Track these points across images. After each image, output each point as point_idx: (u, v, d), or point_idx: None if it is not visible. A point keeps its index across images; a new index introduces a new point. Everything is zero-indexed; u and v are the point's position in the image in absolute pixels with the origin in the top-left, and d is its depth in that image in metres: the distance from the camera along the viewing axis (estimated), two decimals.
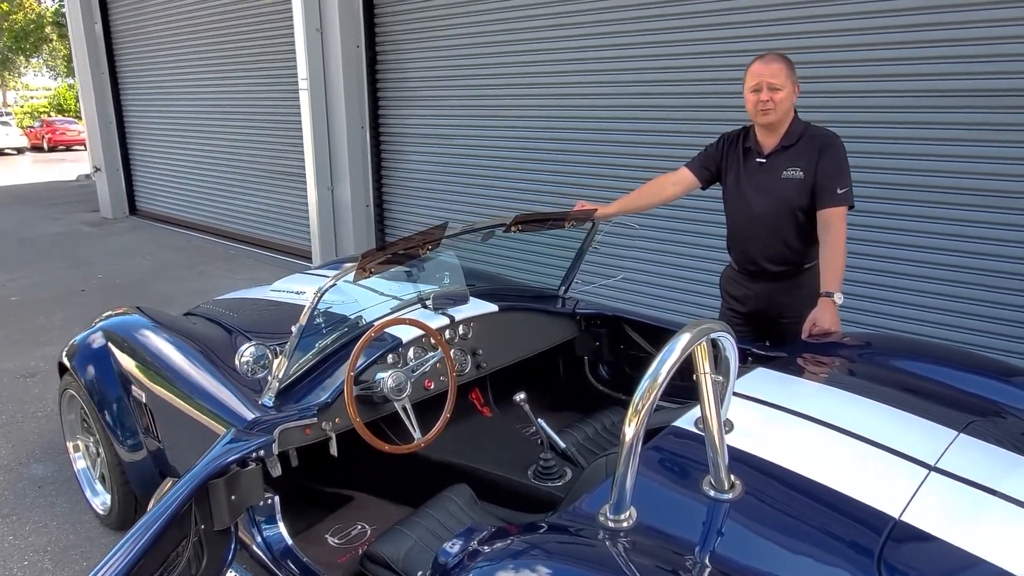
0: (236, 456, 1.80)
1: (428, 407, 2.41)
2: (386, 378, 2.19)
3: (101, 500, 2.98)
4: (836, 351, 2.35)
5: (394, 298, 2.72)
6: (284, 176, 7.59)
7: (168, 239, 8.91)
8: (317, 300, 2.12)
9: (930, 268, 3.81)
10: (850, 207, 2.52)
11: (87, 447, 3.05)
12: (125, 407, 2.63)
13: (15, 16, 29.44)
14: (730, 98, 4.21)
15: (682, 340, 1.36)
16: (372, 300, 2.74)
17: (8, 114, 33.28)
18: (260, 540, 1.97)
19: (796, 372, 2.16)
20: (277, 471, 1.96)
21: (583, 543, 1.42)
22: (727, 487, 1.48)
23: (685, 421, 1.77)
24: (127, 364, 2.64)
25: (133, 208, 10.44)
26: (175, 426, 2.40)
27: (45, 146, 25.68)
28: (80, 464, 3.11)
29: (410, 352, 2.41)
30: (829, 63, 3.90)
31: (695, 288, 4.71)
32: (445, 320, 2.56)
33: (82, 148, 20.76)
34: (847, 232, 2.50)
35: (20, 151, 24.99)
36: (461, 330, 2.61)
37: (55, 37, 29.79)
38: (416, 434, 2.23)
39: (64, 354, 2.91)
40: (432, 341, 2.41)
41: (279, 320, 2.72)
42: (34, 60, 34.37)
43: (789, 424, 1.77)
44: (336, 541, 2.41)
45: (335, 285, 2.12)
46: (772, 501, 1.48)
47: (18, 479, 3.34)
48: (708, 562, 1.32)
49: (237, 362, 2.22)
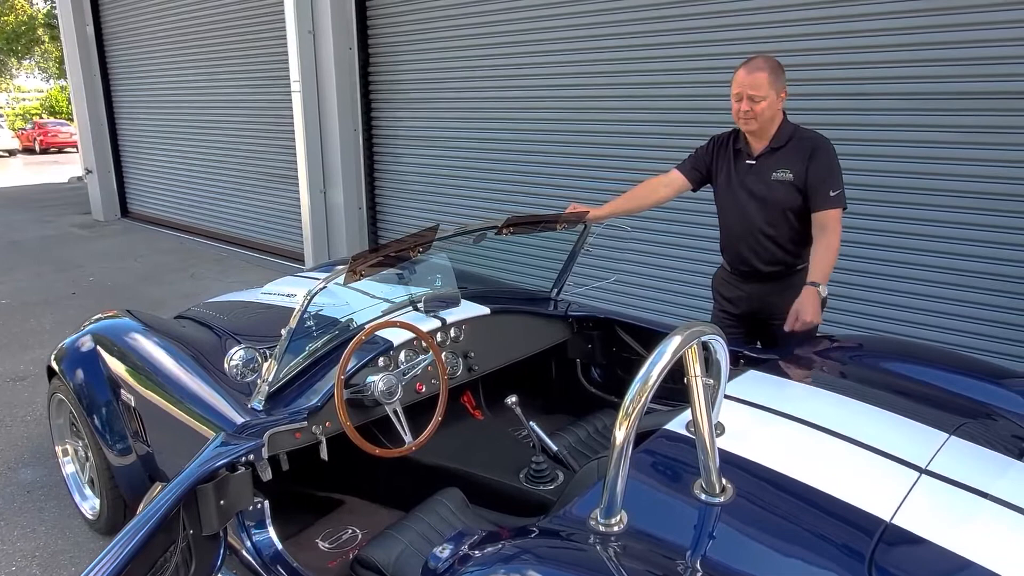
0: (225, 460, 1.79)
1: (419, 410, 2.40)
2: (377, 381, 2.17)
3: (90, 504, 2.96)
4: (827, 353, 2.35)
5: (385, 301, 2.71)
6: (276, 178, 7.56)
7: (160, 241, 8.87)
8: (307, 303, 2.11)
9: (908, 268, 3.84)
10: (843, 209, 2.53)
11: (76, 451, 3.03)
12: (114, 411, 2.61)
13: (7, 18, 29.27)
14: (721, 100, 4.20)
15: (673, 343, 1.36)
16: (363, 303, 2.73)
17: (0, 116, 33.15)
18: (249, 545, 1.95)
19: (787, 375, 2.17)
20: (267, 475, 1.95)
21: (573, 547, 1.41)
22: (718, 491, 1.47)
23: (676, 424, 1.76)
24: (116, 368, 2.62)
25: (125, 210, 10.39)
26: (164, 430, 2.38)
27: (37, 148, 25.57)
28: (69, 468, 3.08)
29: (401, 355, 2.40)
30: (811, 66, 3.93)
31: (687, 290, 4.71)
32: (436, 323, 2.55)
33: (74, 150, 20.67)
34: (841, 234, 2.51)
35: (12, 153, 24.93)
36: (453, 333, 2.60)
37: (47, 39, 29.62)
38: (407, 437, 2.22)
39: (53, 358, 2.88)
40: (423, 344, 2.40)
41: (269, 323, 2.70)
42: (26, 62, 34.19)
43: (780, 427, 1.76)
44: (326, 546, 2.39)
45: (325, 288, 2.11)
46: (763, 504, 1.48)
47: (6, 484, 3.32)
48: (699, 566, 1.32)
49: (226, 365, 2.21)
